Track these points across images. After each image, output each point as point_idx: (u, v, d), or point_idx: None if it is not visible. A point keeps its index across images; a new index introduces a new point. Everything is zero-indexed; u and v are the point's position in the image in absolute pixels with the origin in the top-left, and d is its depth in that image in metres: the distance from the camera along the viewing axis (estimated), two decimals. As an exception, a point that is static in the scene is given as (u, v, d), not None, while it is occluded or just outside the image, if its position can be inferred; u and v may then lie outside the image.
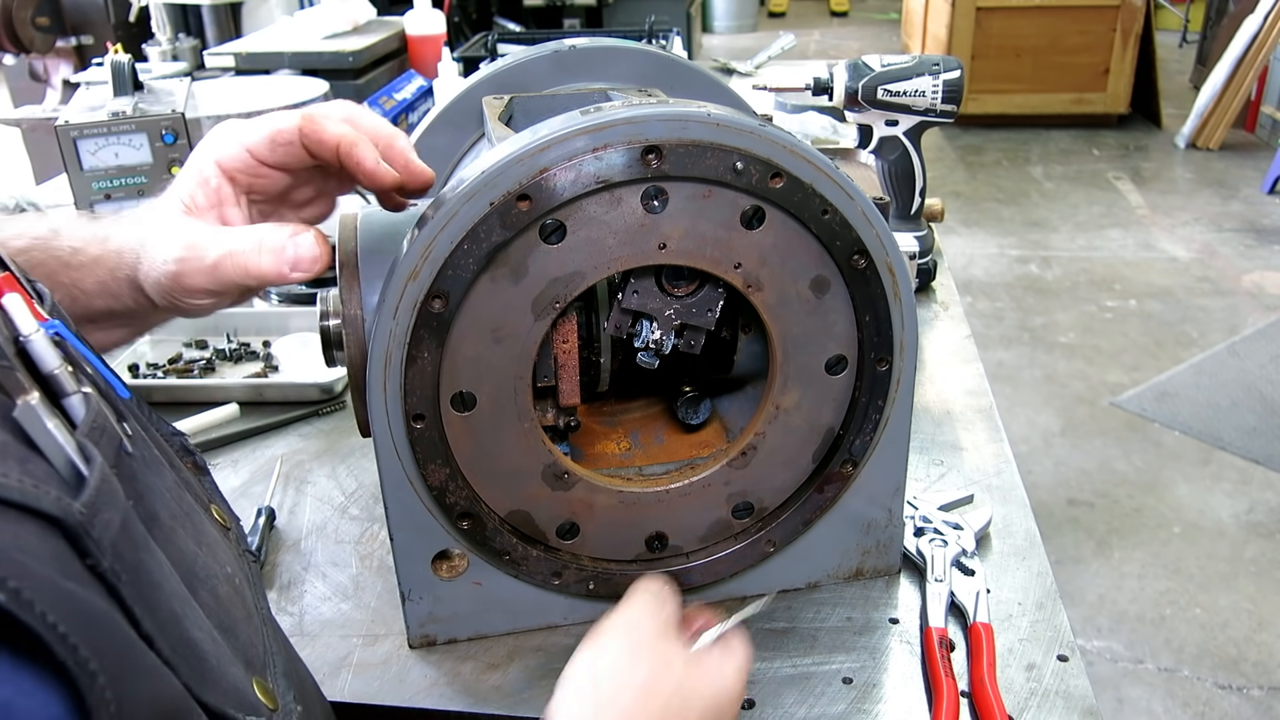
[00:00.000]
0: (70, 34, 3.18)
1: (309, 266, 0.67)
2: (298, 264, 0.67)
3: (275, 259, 0.66)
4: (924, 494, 0.97)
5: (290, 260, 0.66)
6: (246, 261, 0.66)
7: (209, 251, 0.66)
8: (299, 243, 0.67)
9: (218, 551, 0.52)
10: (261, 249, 0.66)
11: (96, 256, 0.70)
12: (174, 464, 0.56)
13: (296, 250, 0.66)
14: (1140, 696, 2.24)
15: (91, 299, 0.70)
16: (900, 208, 1.42)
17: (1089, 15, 5.78)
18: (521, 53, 0.98)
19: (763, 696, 0.77)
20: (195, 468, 0.62)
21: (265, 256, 0.66)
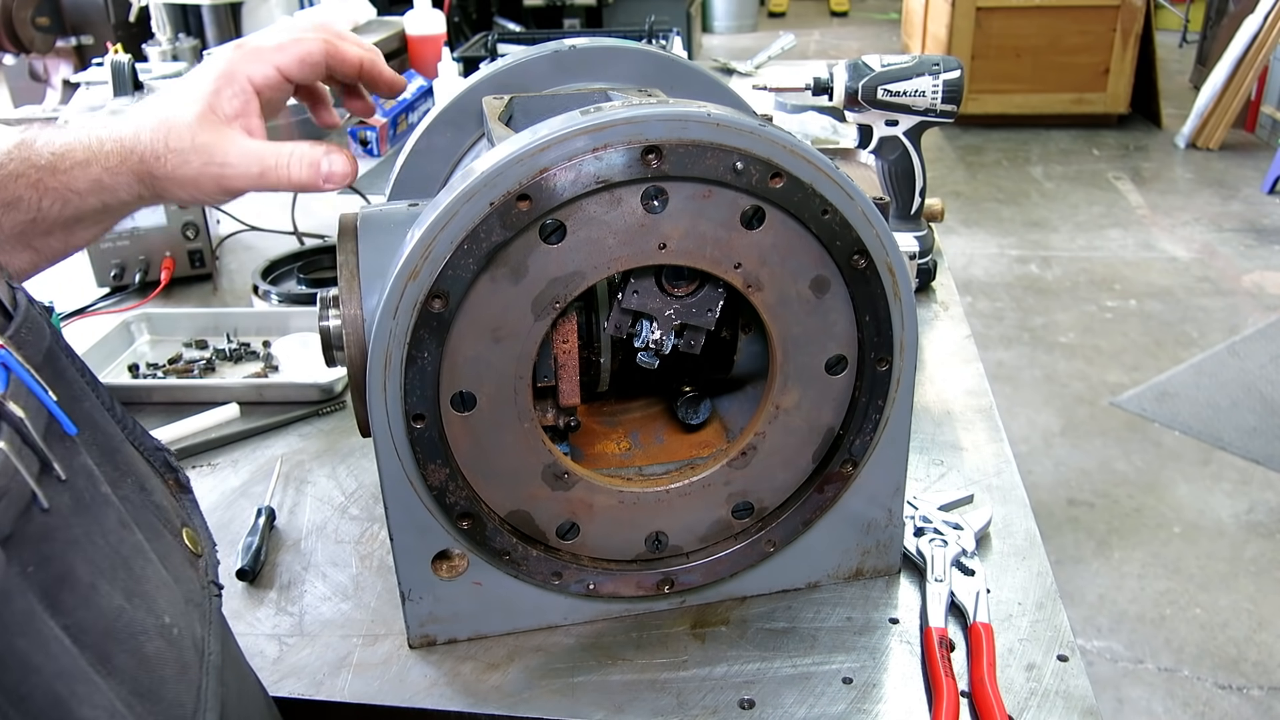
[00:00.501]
0: (70, 34, 3.17)
1: (340, 180, 0.77)
2: (330, 176, 0.77)
3: (313, 171, 0.76)
4: (924, 494, 0.97)
5: (324, 173, 0.77)
6: (291, 173, 0.76)
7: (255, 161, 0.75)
8: (332, 159, 0.77)
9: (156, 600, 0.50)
10: (302, 161, 0.76)
11: (89, 156, 0.72)
12: (145, 486, 0.55)
13: (330, 165, 0.77)
14: (1140, 696, 2.24)
15: (84, 198, 0.73)
16: (900, 208, 1.42)
17: (1089, 15, 5.78)
18: (521, 53, 0.98)
19: (763, 696, 0.77)
20: (177, 485, 0.62)
21: (305, 169, 0.76)
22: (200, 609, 0.55)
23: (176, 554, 0.56)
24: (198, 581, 0.57)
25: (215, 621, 0.56)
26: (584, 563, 0.81)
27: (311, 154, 0.76)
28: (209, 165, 0.74)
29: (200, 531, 0.61)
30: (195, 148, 0.74)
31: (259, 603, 0.88)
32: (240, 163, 0.75)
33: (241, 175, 0.75)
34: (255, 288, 1.44)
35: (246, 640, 0.84)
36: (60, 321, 1.33)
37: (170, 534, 0.56)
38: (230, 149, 0.74)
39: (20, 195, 0.71)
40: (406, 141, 0.99)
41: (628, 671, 0.80)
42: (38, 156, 0.72)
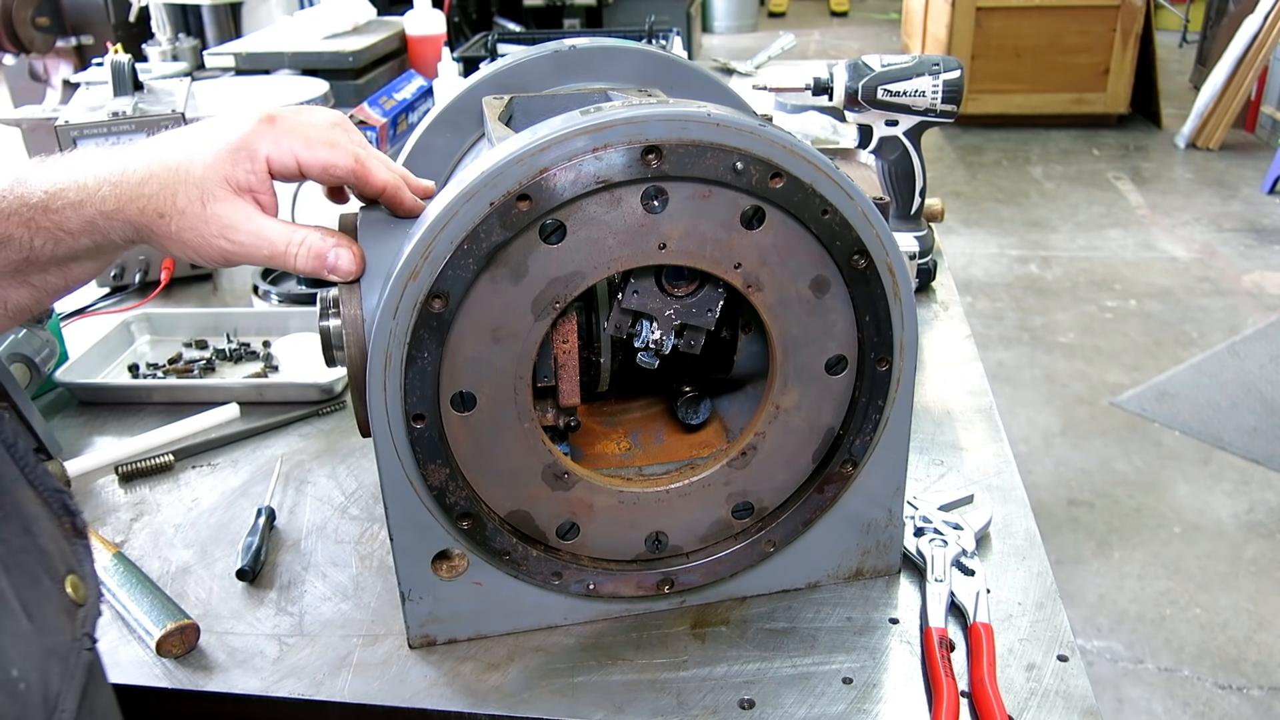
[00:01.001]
0: (70, 34, 3.18)
1: (344, 275, 0.75)
2: (335, 270, 0.74)
3: (318, 264, 0.74)
4: (924, 494, 0.97)
5: (330, 265, 0.74)
6: (297, 263, 0.74)
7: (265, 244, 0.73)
8: (339, 254, 0.74)
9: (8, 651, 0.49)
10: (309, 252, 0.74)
11: (82, 197, 0.70)
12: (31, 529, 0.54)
13: (336, 259, 0.74)
14: (1140, 696, 2.24)
15: (76, 238, 0.71)
16: (900, 208, 1.42)
17: (1089, 15, 5.78)
18: (521, 53, 0.98)
19: (763, 696, 0.77)
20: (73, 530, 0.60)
21: (311, 260, 0.74)
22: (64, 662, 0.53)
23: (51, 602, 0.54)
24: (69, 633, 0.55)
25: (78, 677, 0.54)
26: (584, 563, 0.81)
27: (320, 246, 0.74)
28: (217, 238, 0.72)
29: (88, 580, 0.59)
30: (206, 216, 0.71)
31: (259, 603, 0.88)
32: (249, 242, 0.72)
33: (247, 255, 0.73)
34: (255, 288, 1.44)
35: (246, 640, 0.84)
36: (60, 321, 1.33)
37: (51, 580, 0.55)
38: (242, 225, 0.72)
39: (12, 233, 0.69)
40: (406, 141, 0.99)
41: (628, 671, 0.80)
42: (31, 194, 0.70)
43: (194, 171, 0.71)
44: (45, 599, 0.53)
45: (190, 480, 1.08)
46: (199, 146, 0.72)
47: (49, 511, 0.58)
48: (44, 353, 1.20)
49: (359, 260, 0.75)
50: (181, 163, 0.71)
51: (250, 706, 0.79)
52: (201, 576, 0.92)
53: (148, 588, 0.87)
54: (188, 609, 0.85)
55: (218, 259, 0.73)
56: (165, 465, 1.09)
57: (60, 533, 0.58)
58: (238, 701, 0.79)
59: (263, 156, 0.72)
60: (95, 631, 0.58)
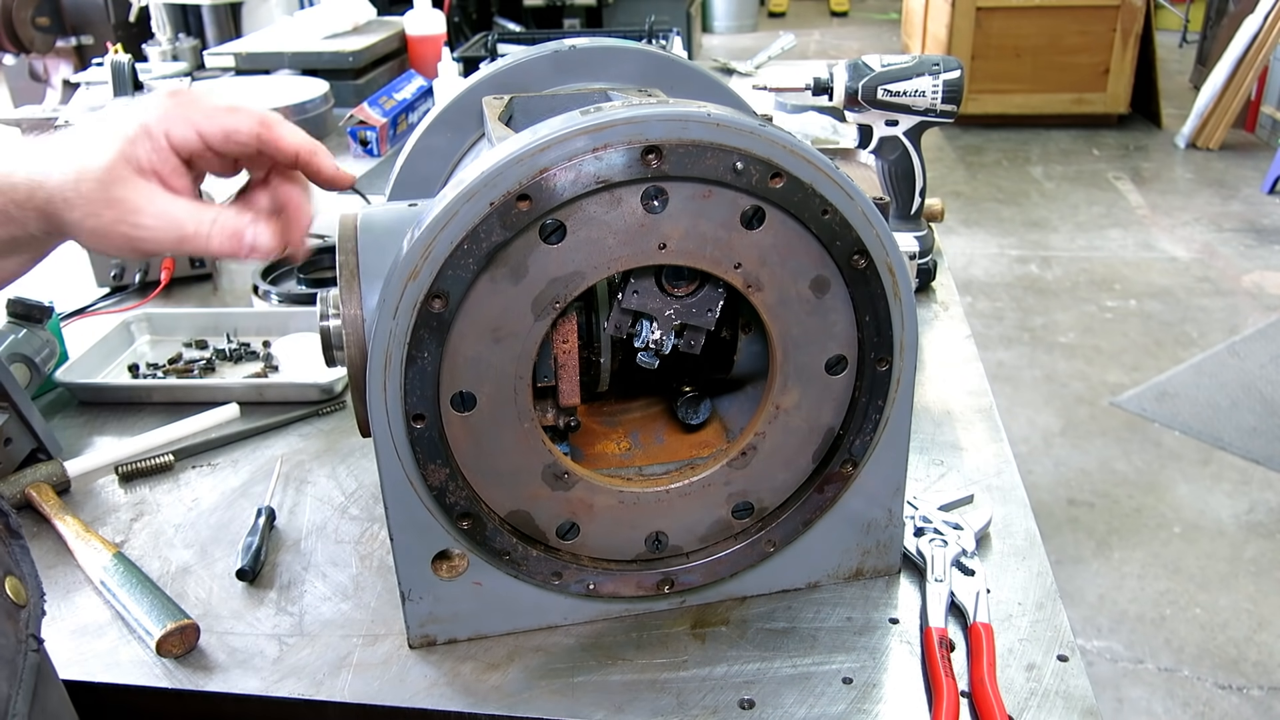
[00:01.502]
0: (70, 34, 3.18)
1: (265, 253, 0.70)
2: (254, 248, 0.70)
3: (234, 243, 0.69)
4: (924, 494, 0.97)
5: (248, 244, 0.70)
6: (211, 243, 0.69)
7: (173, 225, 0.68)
8: (258, 230, 0.70)
9: None
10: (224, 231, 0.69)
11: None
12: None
13: (254, 237, 0.70)
14: (1140, 696, 2.24)
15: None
16: (900, 208, 1.42)
17: (1089, 15, 5.78)
18: (521, 53, 0.98)
19: (763, 696, 0.77)
20: (6, 530, 0.59)
21: (226, 240, 0.69)
22: (10, 666, 0.52)
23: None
24: (13, 635, 0.54)
25: (27, 679, 0.53)
26: (584, 563, 0.81)
27: (235, 223, 0.69)
28: (120, 223, 0.67)
29: (28, 580, 0.58)
30: (107, 200, 0.66)
31: (259, 603, 0.88)
32: (155, 224, 0.67)
33: (156, 239, 0.68)
34: (255, 288, 1.44)
35: (246, 640, 0.84)
36: (60, 321, 1.33)
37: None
38: (145, 207, 0.67)
39: None
40: (406, 141, 0.99)
41: (628, 671, 0.80)
42: None
43: (96, 155, 0.67)
44: None
45: (190, 480, 1.08)
46: (104, 131, 0.69)
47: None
48: (44, 353, 1.20)
49: (279, 235, 0.71)
50: (86, 148, 0.68)
51: (250, 706, 0.79)
52: (201, 576, 0.92)
53: (148, 588, 0.87)
54: (188, 609, 0.85)
55: (125, 247, 0.69)
56: (165, 465, 1.09)
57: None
58: (238, 701, 0.79)
59: (160, 133, 0.69)
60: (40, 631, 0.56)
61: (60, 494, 1.04)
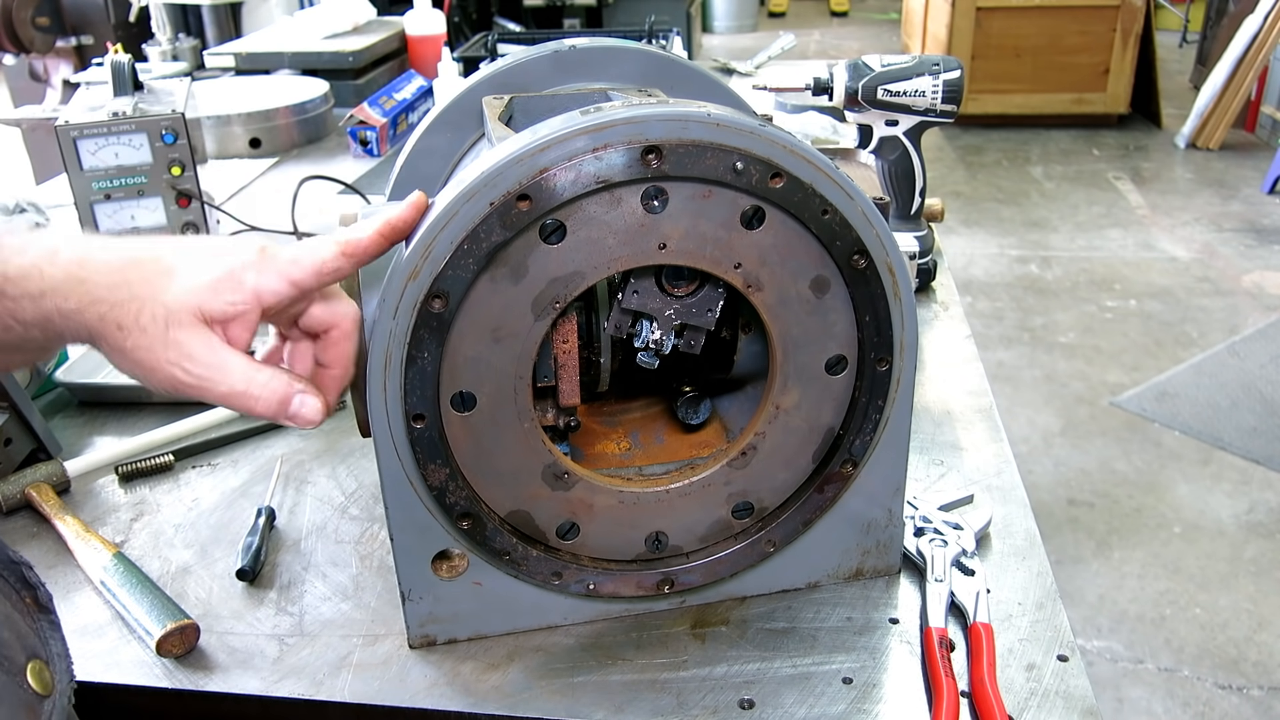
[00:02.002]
0: (70, 34, 3.18)
1: (305, 425, 0.68)
2: (296, 418, 0.67)
3: (280, 410, 0.67)
4: (924, 494, 0.97)
5: (291, 413, 0.67)
6: (257, 407, 0.67)
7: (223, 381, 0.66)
8: (305, 401, 0.67)
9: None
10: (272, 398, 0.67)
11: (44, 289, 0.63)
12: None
13: (300, 407, 0.67)
14: (1140, 696, 2.24)
15: (28, 330, 0.64)
16: (900, 208, 1.42)
17: (1089, 15, 5.78)
18: (521, 53, 0.98)
19: (763, 696, 0.77)
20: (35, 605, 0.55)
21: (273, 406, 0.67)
22: None
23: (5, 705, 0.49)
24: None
25: None
26: (584, 563, 0.81)
27: (285, 391, 0.66)
28: (172, 365, 0.64)
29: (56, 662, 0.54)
30: (165, 340, 0.63)
31: (259, 603, 0.89)
32: (207, 375, 0.65)
33: (201, 389, 0.65)
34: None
35: (246, 640, 0.84)
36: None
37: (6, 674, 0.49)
38: (203, 357, 0.64)
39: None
40: (406, 141, 0.99)
41: (628, 671, 0.80)
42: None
43: (170, 288, 0.64)
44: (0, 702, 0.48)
45: (190, 480, 1.08)
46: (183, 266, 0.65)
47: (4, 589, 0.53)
48: (44, 353, 1.20)
49: (324, 411, 0.68)
50: (159, 275, 0.64)
51: (250, 706, 0.79)
52: (201, 576, 0.92)
53: (148, 588, 0.87)
54: (188, 609, 0.85)
55: (168, 387, 0.65)
56: (165, 465, 1.09)
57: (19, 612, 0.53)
58: (237, 701, 0.79)
59: (250, 287, 0.65)
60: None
61: (60, 494, 1.04)
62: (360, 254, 0.68)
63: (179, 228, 1.53)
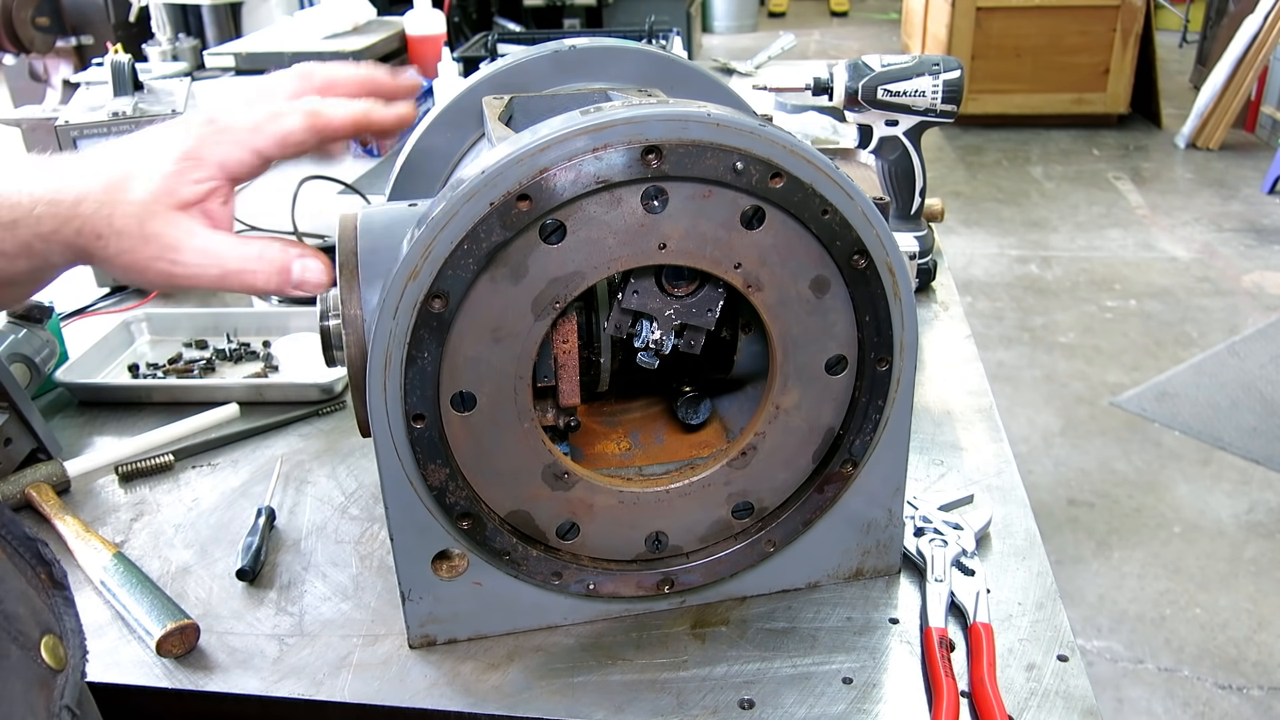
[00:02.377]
0: (70, 34, 3.18)
1: (313, 288, 0.67)
2: (302, 284, 0.67)
3: (281, 279, 0.66)
4: (924, 494, 0.97)
5: (296, 280, 0.67)
6: (256, 280, 0.66)
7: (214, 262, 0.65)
8: (306, 265, 0.67)
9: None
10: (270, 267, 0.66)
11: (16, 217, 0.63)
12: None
13: (303, 272, 0.67)
14: (1140, 696, 2.24)
15: (13, 261, 0.64)
16: (900, 208, 1.42)
17: (1089, 15, 5.78)
18: (521, 53, 0.98)
19: (763, 696, 0.77)
20: (50, 581, 0.55)
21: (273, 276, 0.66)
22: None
23: (19, 678, 0.49)
24: (45, 709, 0.49)
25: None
26: (584, 563, 0.81)
27: (281, 258, 0.66)
28: (158, 259, 0.64)
29: (70, 637, 0.54)
30: (144, 236, 0.63)
31: (259, 603, 0.88)
32: (196, 261, 0.64)
33: (196, 276, 0.65)
34: (255, 288, 1.44)
35: (246, 640, 0.84)
36: (60, 321, 1.33)
37: (20, 648, 0.49)
38: (185, 243, 0.64)
39: None
40: (406, 141, 0.99)
41: (628, 671, 0.80)
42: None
43: (132, 188, 0.64)
44: (12, 675, 0.48)
45: (190, 480, 1.08)
46: (139, 159, 0.65)
47: (18, 564, 0.53)
48: (44, 353, 1.20)
49: (329, 269, 0.68)
50: (119, 179, 0.64)
51: (250, 706, 0.79)
52: (201, 576, 0.92)
53: (148, 588, 0.87)
54: (188, 609, 0.85)
55: (162, 282, 0.66)
56: (165, 465, 1.09)
57: (34, 588, 0.53)
58: (237, 701, 0.79)
59: (214, 162, 0.65)
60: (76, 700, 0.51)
61: (60, 494, 1.04)
62: (329, 134, 0.68)
63: (179, 228, 1.52)
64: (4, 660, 0.48)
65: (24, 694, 0.48)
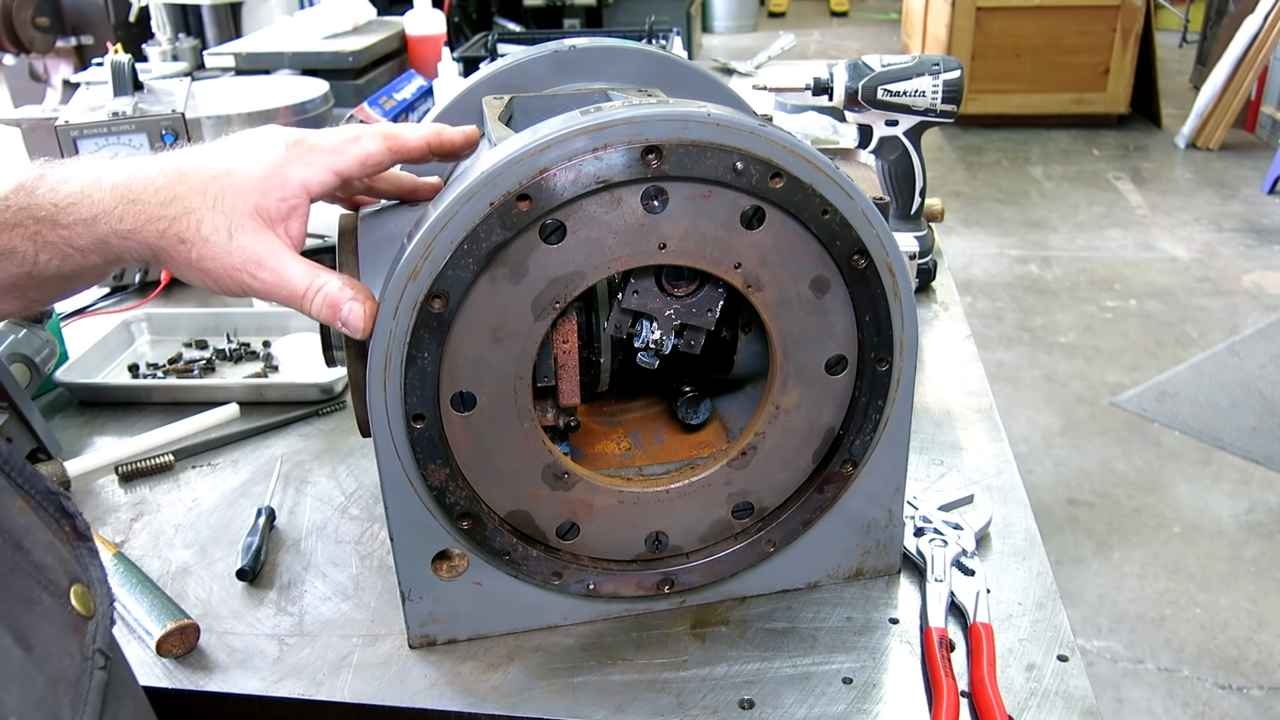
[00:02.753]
0: (70, 34, 3.17)
1: (353, 331, 0.70)
2: (347, 323, 0.70)
3: (331, 314, 0.70)
4: (924, 494, 0.97)
5: (342, 318, 0.70)
6: (311, 308, 0.70)
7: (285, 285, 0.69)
8: (353, 309, 0.69)
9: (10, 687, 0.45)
10: (324, 301, 0.69)
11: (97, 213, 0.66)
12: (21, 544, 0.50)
13: (349, 314, 0.69)
14: (1140, 696, 2.24)
15: (86, 255, 0.67)
16: (900, 208, 1.42)
17: (1089, 15, 5.79)
18: (521, 53, 0.98)
19: (763, 696, 0.77)
20: (74, 533, 0.57)
21: (325, 310, 0.69)
22: (75, 688, 0.49)
23: (52, 623, 0.50)
24: (79, 652, 0.51)
25: (93, 701, 0.50)
26: (584, 563, 0.81)
27: (336, 297, 0.69)
28: (239, 271, 0.68)
29: (96, 586, 0.55)
30: (230, 247, 0.67)
31: (259, 603, 0.88)
32: (271, 280, 0.68)
33: (266, 292, 0.69)
34: (255, 288, 1.44)
35: (246, 640, 0.84)
36: (60, 321, 1.33)
37: (52, 596, 0.51)
38: (268, 262, 0.68)
39: (15, 246, 0.65)
40: (406, 141, 0.99)
41: (628, 671, 0.80)
42: (38, 205, 0.66)
43: (224, 197, 0.67)
44: (45, 621, 0.49)
45: (190, 480, 1.08)
46: (229, 170, 0.68)
47: (43, 518, 0.54)
48: (44, 353, 1.20)
49: (371, 319, 0.70)
50: (210, 186, 0.67)
51: (250, 706, 0.79)
52: (201, 576, 0.92)
53: (148, 588, 0.87)
54: (188, 609, 0.85)
55: (234, 291, 0.69)
56: (165, 465, 1.09)
57: (59, 538, 0.55)
58: (237, 701, 0.79)
59: (298, 181, 0.69)
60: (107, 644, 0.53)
61: (60, 494, 1.03)
62: (404, 155, 0.74)
63: (179, 228, 1.52)
64: (37, 607, 0.49)
65: (58, 638, 0.50)
